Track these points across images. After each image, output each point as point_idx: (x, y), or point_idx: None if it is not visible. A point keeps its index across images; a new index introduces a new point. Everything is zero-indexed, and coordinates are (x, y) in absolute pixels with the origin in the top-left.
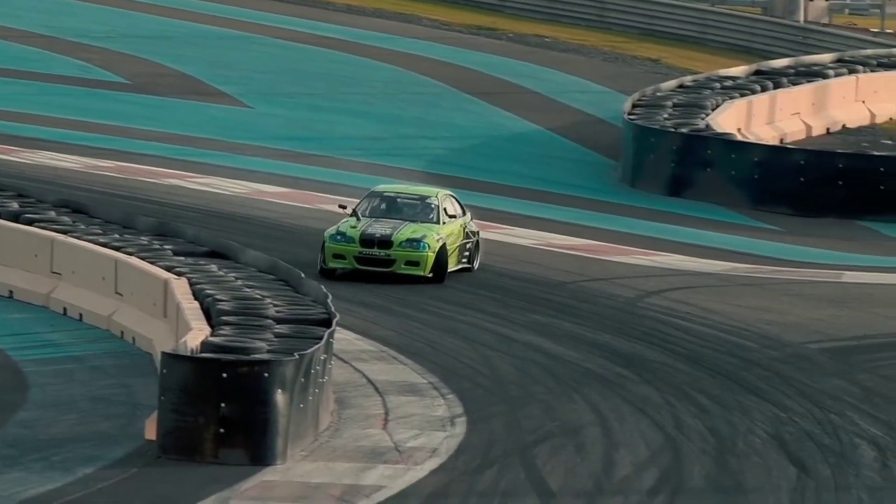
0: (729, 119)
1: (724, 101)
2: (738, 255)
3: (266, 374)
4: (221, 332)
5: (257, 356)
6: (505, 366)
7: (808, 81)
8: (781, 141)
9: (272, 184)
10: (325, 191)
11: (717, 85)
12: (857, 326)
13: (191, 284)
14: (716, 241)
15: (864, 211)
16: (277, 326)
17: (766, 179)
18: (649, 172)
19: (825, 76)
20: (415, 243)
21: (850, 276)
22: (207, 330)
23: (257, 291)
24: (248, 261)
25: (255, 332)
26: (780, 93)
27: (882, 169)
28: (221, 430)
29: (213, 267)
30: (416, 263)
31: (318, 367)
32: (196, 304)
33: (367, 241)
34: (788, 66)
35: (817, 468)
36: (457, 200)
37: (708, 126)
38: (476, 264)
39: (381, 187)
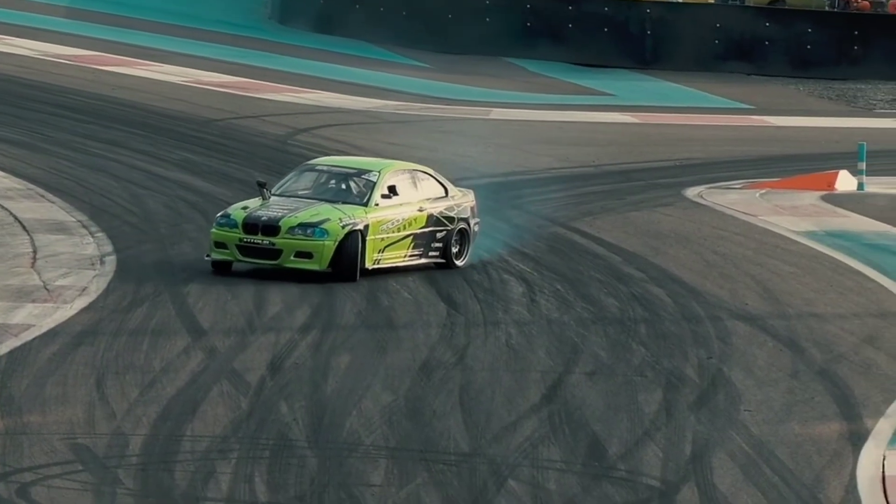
0: None
1: None
2: (387, 91)
3: None
4: None
5: None
6: (155, 204)
7: None
8: None
9: None
10: None
11: None
12: (504, 163)
13: None
14: (365, 78)
15: (511, 47)
16: None
17: (414, 16)
18: (298, 9)
19: None
20: (308, 229)
21: (497, 113)
22: None
23: None
24: None
25: None
26: None
27: (528, 6)
28: None
29: None
30: (307, 255)
31: None
32: None
33: (251, 225)
34: None
35: (467, 304)
36: (432, 177)
37: None
38: (463, 260)
39: (318, 159)
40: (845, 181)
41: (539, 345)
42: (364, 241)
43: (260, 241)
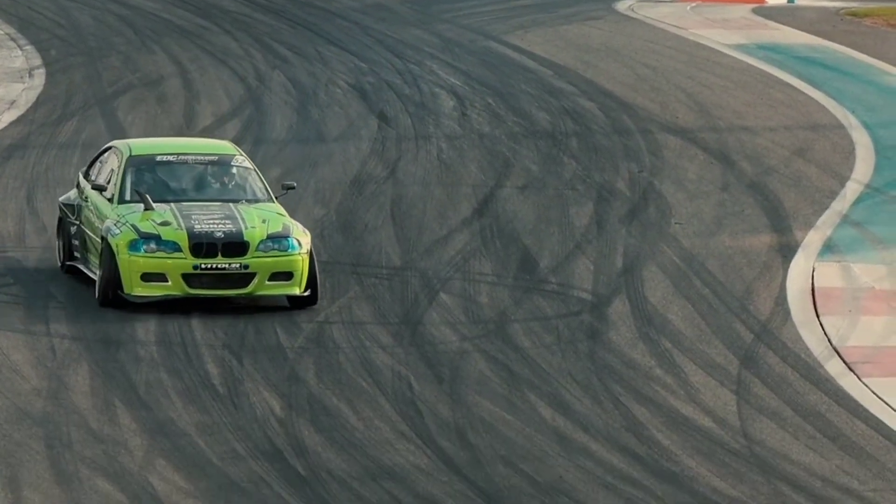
0: None
1: None
2: None
3: None
4: None
5: None
6: (83, 17)
7: None
8: None
9: None
10: None
11: None
12: None
13: None
14: None
15: None
16: None
17: None
18: None
19: None
20: (281, 242)
21: None
22: None
23: None
24: None
25: None
26: None
27: None
28: None
29: None
30: (287, 275)
31: None
32: None
33: (206, 245)
34: None
35: (398, 118)
36: None
37: None
38: None
39: (136, 148)
40: None
41: (470, 159)
42: None
43: (226, 266)
